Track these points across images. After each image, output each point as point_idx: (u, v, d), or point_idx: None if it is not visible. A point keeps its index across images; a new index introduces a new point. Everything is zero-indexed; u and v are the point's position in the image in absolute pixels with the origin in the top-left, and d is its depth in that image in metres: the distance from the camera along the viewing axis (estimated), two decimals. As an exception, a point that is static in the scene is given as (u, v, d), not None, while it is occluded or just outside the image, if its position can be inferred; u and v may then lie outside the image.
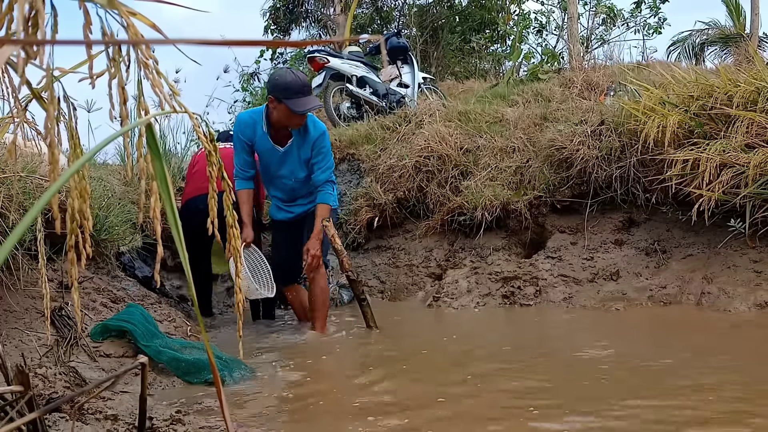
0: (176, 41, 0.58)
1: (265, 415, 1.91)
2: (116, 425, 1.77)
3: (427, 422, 1.77)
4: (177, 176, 4.78)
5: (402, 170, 4.72)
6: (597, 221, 4.07)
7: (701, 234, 3.59)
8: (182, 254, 0.82)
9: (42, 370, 1.94)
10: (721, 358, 2.33)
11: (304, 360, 2.71)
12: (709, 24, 12.16)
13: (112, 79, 0.85)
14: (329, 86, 6.39)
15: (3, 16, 0.72)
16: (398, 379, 2.28)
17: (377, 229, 4.72)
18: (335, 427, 1.82)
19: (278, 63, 13.47)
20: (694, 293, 3.29)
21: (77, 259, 0.95)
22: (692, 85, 3.75)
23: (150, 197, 0.87)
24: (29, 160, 2.53)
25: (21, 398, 1.16)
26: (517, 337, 3.10)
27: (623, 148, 3.90)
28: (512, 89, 6.47)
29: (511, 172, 4.45)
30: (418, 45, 12.08)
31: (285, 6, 13.25)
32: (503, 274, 3.98)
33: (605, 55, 7.91)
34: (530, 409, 1.82)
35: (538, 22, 11.76)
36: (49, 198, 0.59)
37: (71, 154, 0.97)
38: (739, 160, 3.17)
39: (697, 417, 1.67)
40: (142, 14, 0.78)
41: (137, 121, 0.80)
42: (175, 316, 2.91)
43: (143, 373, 1.17)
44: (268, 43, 0.65)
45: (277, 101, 3.19)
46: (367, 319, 3.27)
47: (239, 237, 1.01)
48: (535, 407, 1.83)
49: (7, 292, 2.22)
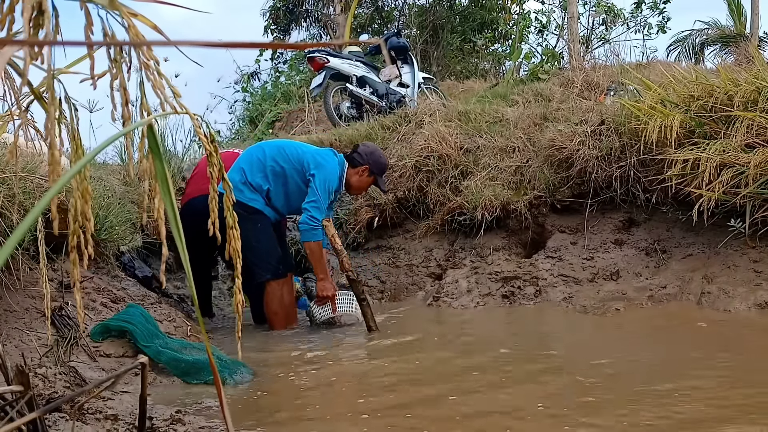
0: (177, 43, 0.59)
1: (266, 416, 1.91)
2: (116, 425, 1.77)
3: (431, 422, 1.77)
4: (177, 177, 4.78)
5: (402, 170, 4.72)
6: (597, 221, 4.07)
7: (701, 234, 3.59)
8: (182, 254, 0.82)
9: (42, 370, 1.94)
10: (721, 357, 2.33)
11: (304, 360, 2.71)
12: (710, 24, 12.16)
13: (114, 80, 0.85)
14: (329, 86, 6.40)
15: (4, 16, 0.72)
16: (399, 380, 2.28)
17: (377, 229, 4.72)
18: (336, 427, 1.82)
19: (278, 63, 13.48)
20: (694, 293, 3.29)
21: (79, 259, 0.95)
22: (692, 85, 3.75)
23: (153, 198, 0.87)
24: (29, 160, 2.53)
25: (21, 398, 1.16)
26: (517, 337, 3.10)
27: (623, 148, 3.90)
28: (512, 89, 6.48)
29: (511, 172, 4.45)
30: (418, 45, 12.08)
31: (285, 6, 13.26)
32: (503, 274, 3.98)
33: (608, 55, 7.91)
34: (532, 408, 1.82)
35: (538, 22, 11.76)
36: (50, 198, 0.59)
37: (72, 154, 0.97)
38: (740, 159, 3.17)
39: (693, 416, 1.67)
40: (143, 15, 0.78)
41: (139, 122, 0.80)
42: (175, 316, 2.91)
43: (143, 373, 1.17)
44: (268, 45, 0.65)
45: (370, 173, 3.67)
46: (367, 320, 3.27)
47: (239, 238, 1.01)
48: (537, 407, 1.83)
49: (7, 292, 2.22)
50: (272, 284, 3.46)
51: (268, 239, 3.49)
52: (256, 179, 3.48)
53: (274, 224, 3.61)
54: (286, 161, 3.52)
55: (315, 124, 8.33)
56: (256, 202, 3.46)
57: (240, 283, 1.04)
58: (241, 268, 1.02)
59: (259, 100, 11.13)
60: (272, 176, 3.50)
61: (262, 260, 3.44)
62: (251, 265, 3.39)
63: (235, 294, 1.05)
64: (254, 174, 3.49)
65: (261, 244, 3.44)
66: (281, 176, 3.51)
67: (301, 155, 3.53)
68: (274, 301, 3.47)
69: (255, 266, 3.42)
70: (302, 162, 3.50)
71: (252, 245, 3.33)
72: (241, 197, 3.40)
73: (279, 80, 12.18)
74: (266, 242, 3.48)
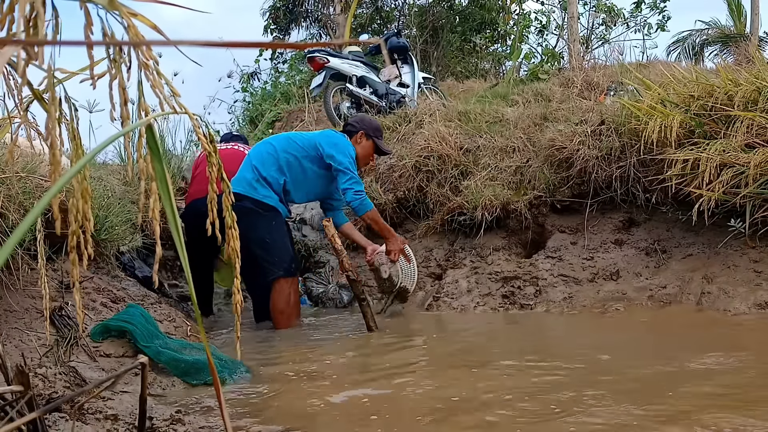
0: (177, 42, 0.59)
1: (266, 416, 1.91)
2: (116, 425, 1.77)
3: (432, 421, 1.77)
4: (176, 176, 4.78)
5: (402, 170, 4.72)
6: (597, 221, 4.07)
7: (701, 234, 3.59)
8: (182, 254, 0.82)
9: (42, 370, 1.94)
10: (721, 357, 2.33)
11: (305, 361, 2.71)
12: (710, 24, 12.16)
13: (113, 80, 0.85)
14: (329, 86, 6.40)
15: (4, 17, 0.72)
16: (400, 380, 2.28)
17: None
18: (337, 427, 1.82)
19: (278, 63, 13.49)
20: (694, 293, 3.29)
21: (79, 259, 0.95)
22: (692, 85, 3.75)
23: (150, 198, 0.87)
24: (29, 160, 2.52)
25: (21, 398, 1.16)
26: (518, 337, 3.10)
27: (623, 148, 3.90)
28: (512, 89, 6.48)
29: (511, 172, 4.45)
30: (418, 45, 12.08)
31: (285, 6, 13.26)
32: (503, 274, 3.98)
33: (609, 54, 7.91)
34: (534, 408, 1.82)
35: (538, 22, 11.76)
36: (50, 198, 0.59)
37: (73, 154, 0.97)
38: (740, 159, 3.17)
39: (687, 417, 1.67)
40: (143, 15, 0.78)
41: (138, 122, 0.80)
42: (175, 316, 2.91)
43: (143, 373, 1.17)
44: (268, 44, 0.65)
45: (367, 137, 3.66)
46: (367, 320, 3.27)
47: (238, 238, 1.01)
48: (538, 408, 1.83)
49: (7, 292, 2.22)
50: (282, 282, 3.44)
51: (282, 236, 3.50)
52: (271, 173, 3.50)
53: (286, 223, 3.63)
54: (297, 150, 3.56)
55: (315, 124, 8.33)
56: (270, 199, 3.47)
57: (238, 282, 1.04)
58: (251, 266, 1.02)
59: (259, 100, 11.14)
60: (287, 167, 3.54)
61: (277, 257, 3.43)
62: (264, 263, 3.39)
63: (234, 294, 1.05)
64: (268, 168, 3.51)
65: (276, 242, 3.44)
66: (296, 166, 3.55)
67: (311, 139, 3.61)
68: (281, 300, 3.45)
69: (268, 263, 3.41)
70: (314, 146, 3.57)
71: (267, 242, 3.35)
72: (255, 194, 3.43)
73: (279, 80, 12.19)
74: (280, 240, 3.47)
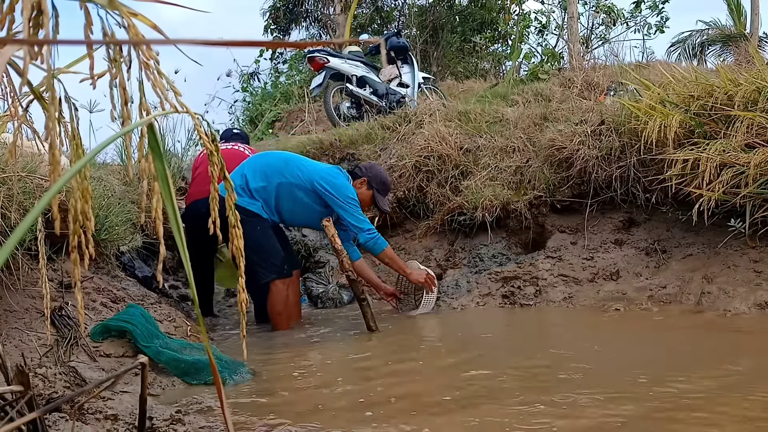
0: (177, 41, 0.59)
1: (266, 416, 1.91)
2: (116, 425, 1.77)
3: (432, 419, 1.77)
4: (177, 176, 4.78)
5: (402, 170, 4.72)
6: (597, 221, 4.07)
7: (701, 234, 3.59)
8: (183, 254, 0.82)
9: (42, 370, 1.94)
10: (721, 357, 2.33)
11: (305, 361, 2.71)
12: (710, 24, 12.17)
13: (114, 79, 0.85)
14: (329, 86, 6.40)
15: (4, 16, 0.72)
16: (400, 378, 2.28)
17: (377, 229, 4.71)
18: (337, 426, 1.82)
19: (278, 63, 13.49)
20: (694, 293, 3.29)
21: (79, 259, 0.95)
22: (692, 85, 3.75)
23: (152, 198, 0.86)
24: (29, 160, 2.52)
25: (21, 398, 1.16)
26: (518, 337, 3.10)
27: (623, 148, 3.90)
28: (512, 89, 6.48)
29: (511, 172, 4.45)
30: (418, 45, 12.08)
31: (285, 6, 13.27)
32: (503, 273, 3.98)
33: (608, 54, 7.92)
34: (534, 407, 1.82)
35: (538, 22, 11.76)
36: (50, 198, 0.59)
37: (73, 154, 0.97)
38: (739, 159, 3.17)
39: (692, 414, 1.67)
40: (143, 15, 0.78)
41: (138, 121, 0.80)
42: (175, 316, 2.91)
43: (143, 373, 1.17)
44: (268, 44, 0.65)
45: (369, 187, 3.65)
46: (367, 320, 3.27)
47: (241, 237, 1.01)
48: (540, 407, 1.83)
49: (7, 292, 2.22)
50: (278, 284, 3.45)
51: (269, 239, 3.48)
52: (258, 187, 3.48)
53: (273, 226, 3.60)
54: (292, 176, 3.52)
55: (315, 124, 8.33)
56: (253, 206, 3.45)
57: (243, 281, 1.04)
58: (245, 271, 1.02)
59: (259, 100, 11.14)
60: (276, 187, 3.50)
61: (265, 261, 3.43)
62: (255, 267, 3.39)
63: (239, 292, 1.05)
64: (257, 181, 3.49)
65: (263, 246, 3.43)
66: (287, 186, 3.51)
67: (309, 175, 3.53)
68: (279, 302, 3.46)
69: (258, 267, 3.41)
70: (312, 183, 3.51)
71: (252, 248, 3.31)
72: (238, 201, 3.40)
73: (279, 80, 12.19)
74: (267, 243, 3.46)
